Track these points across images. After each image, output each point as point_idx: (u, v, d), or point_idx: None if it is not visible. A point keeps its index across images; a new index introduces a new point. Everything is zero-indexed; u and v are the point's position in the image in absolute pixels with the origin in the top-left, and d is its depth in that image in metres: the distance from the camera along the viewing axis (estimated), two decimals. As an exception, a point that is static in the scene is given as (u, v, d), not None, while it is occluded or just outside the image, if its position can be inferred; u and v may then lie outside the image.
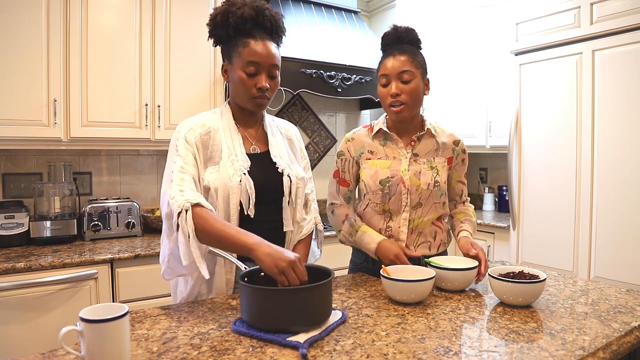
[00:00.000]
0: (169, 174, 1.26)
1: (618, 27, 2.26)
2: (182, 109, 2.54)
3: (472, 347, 0.95)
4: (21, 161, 2.48)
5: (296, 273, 1.07)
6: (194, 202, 1.18)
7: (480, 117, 3.26)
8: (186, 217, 1.15)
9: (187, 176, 1.24)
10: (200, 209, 1.18)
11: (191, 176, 1.25)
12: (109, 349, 0.81)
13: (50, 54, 2.20)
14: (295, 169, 1.42)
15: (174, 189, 1.21)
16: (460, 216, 1.64)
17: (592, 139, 2.38)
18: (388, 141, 1.55)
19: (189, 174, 1.25)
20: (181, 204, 1.16)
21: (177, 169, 1.25)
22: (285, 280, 1.06)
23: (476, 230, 1.63)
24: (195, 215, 1.16)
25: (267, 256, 1.08)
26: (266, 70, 1.31)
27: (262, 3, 1.32)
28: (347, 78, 2.99)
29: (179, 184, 1.22)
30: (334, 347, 0.94)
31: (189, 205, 1.16)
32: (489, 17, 3.20)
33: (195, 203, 1.18)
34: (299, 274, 1.07)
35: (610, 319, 1.11)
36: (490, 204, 3.54)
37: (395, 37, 1.52)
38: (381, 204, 1.53)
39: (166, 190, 1.24)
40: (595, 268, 2.38)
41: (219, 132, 1.34)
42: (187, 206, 1.16)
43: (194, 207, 1.17)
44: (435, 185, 1.51)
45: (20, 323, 1.91)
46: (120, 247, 2.25)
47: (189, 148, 1.28)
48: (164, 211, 1.23)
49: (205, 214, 1.18)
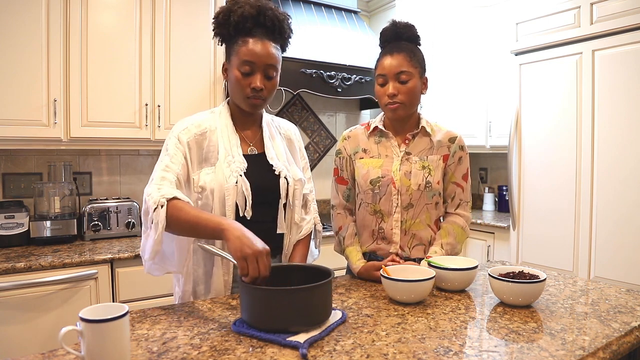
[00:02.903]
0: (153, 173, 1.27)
1: (618, 27, 2.26)
2: (182, 109, 2.54)
3: (472, 347, 0.95)
4: (21, 161, 2.48)
5: (259, 265, 1.04)
6: (170, 196, 1.17)
7: (480, 117, 3.26)
8: (160, 212, 1.15)
9: (169, 175, 1.24)
10: (176, 201, 1.17)
11: (175, 174, 1.24)
12: (109, 349, 0.81)
13: (50, 54, 2.20)
14: (293, 170, 1.41)
15: (153, 187, 1.21)
16: (442, 233, 1.52)
17: (592, 139, 2.38)
18: (383, 139, 1.54)
19: (172, 173, 1.24)
20: (157, 200, 1.16)
21: (161, 168, 1.25)
22: (246, 267, 1.03)
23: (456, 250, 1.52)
24: (170, 207, 1.16)
25: (237, 239, 1.06)
26: (262, 70, 1.29)
27: (265, 2, 1.30)
28: (347, 78, 2.99)
29: (158, 183, 1.22)
30: (334, 347, 0.94)
31: (164, 201, 1.16)
32: (489, 17, 3.20)
33: (171, 197, 1.17)
34: (261, 266, 1.04)
35: (610, 319, 1.11)
36: (490, 204, 3.54)
37: (394, 34, 1.50)
38: (372, 204, 1.51)
39: (146, 188, 1.24)
40: (595, 268, 2.37)
41: (215, 132, 1.33)
42: (162, 202, 1.16)
43: (170, 201, 1.17)
44: (427, 186, 1.47)
45: (20, 323, 1.91)
46: (120, 247, 2.25)
47: (179, 147, 1.28)
48: (142, 208, 1.23)
49: (181, 204, 1.17)
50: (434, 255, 1.47)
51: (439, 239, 1.52)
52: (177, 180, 1.25)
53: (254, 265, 1.04)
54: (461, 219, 1.55)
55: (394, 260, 1.44)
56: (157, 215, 1.15)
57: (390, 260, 1.44)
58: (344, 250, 1.57)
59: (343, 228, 1.58)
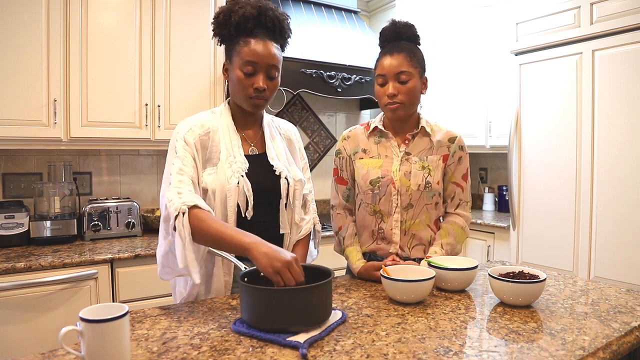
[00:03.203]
0: (167, 176, 1.26)
1: (618, 27, 2.26)
2: (182, 109, 2.54)
3: (472, 347, 0.95)
4: (21, 161, 2.48)
5: (292, 273, 1.05)
6: (191, 204, 1.17)
7: (480, 117, 3.26)
8: (183, 220, 1.15)
9: (185, 178, 1.23)
10: (197, 210, 1.17)
11: (190, 178, 1.24)
12: (109, 349, 0.81)
13: (50, 54, 2.20)
14: (294, 170, 1.41)
15: (172, 191, 1.20)
16: (442, 233, 1.53)
17: (592, 139, 2.38)
18: (382, 139, 1.54)
19: (187, 176, 1.24)
20: (178, 207, 1.16)
21: (175, 171, 1.24)
22: (281, 280, 1.05)
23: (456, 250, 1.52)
24: (192, 217, 1.16)
25: (264, 256, 1.07)
26: (264, 71, 1.29)
27: (266, 3, 1.30)
28: (347, 78, 2.99)
29: (177, 187, 1.21)
30: (334, 347, 0.94)
31: (186, 208, 1.16)
32: (489, 17, 3.20)
33: (192, 205, 1.17)
34: (294, 274, 1.06)
35: (610, 319, 1.11)
36: (490, 204, 3.54)
37: (394, 33, 1.49)
38: (372, 204, 1.51)
39: (164, 192, 1.23)
40: (595, 268, 2.38)
41: (217, 132, 1.33)
42: (184, 209, 1.16)
43: (192, 209, 1.17)
44: (427, 186, 1.47)
45: (20, 323, 1.91)
46: (120, 247, 2.25)
47: (187, 149, 1.27)
48: (162, 214, 1.22)
49: (203, 215, 1.17)
50: (434, 255, 1.47)
51: (439, 239, 1.52)
52: (193, 183, 1.25)
53: (288, 276, 1.05)
54: (461, 219, 1.55)
55: (394, 260, 1.44)
56: (179, 222, 1.15)
57: (390, 260, 1.44)
58: (344, 250, 1.57)
59: (343, 228, 1.58)
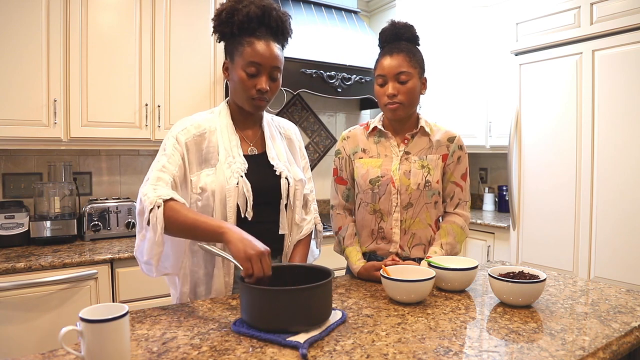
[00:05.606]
0: (149, 172, 1.26)
1: (618, 27, 2.26)
2: (182, 109, 2.54)
3: (472, 347, 0.95)
4: (21, 161, 2.48)
5: (263, 265, 1.06)
6: (167, 197, 1.17)
7: (480, 117, 3.27)
8: (157, 213, 1.14)
9: (165, 175, 1.23)
10: (172, 202, 1.17)
11: (171, 175, 1.24)
12: (109, 349, 0.81)
13: (50, 54, 2.20)
14: (294, 170, 1.40)
15: (148, 187, 1.20)
16: (441, 233, 1.53)
17: (592, 139, 2.38)
18: (382, 139, 1.54)
19: (168, 173, 1.23)
20: (153, 200, 1.16)
21: (157, 168, 1.24)
22: (250, 268, 1.05)
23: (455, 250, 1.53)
24: (167, 209, 1.15)
25: (239, 241, 1.07)
26: (267, 72, 1.28)
27: (269, 2, 1.29)
28: (347, 78, 2.99)
29: (154, 183, 1.21)
30: (334, 347, 0.94)
31: (161, 202, 1.15)
32: (489, 17, 3.20)
33: (168, 198, 1.17)
34: (265, 266, 1.06)
35: (610, 319, 1.11)
36: (490, 204, 3.54)
37: (393, 34, 1.50)
38: (372, 203, 1.51)
39: (141, 187, 1.23)
40: (595, 268, 2.38)
41: (215, 133, 1.32)
42: (159, 202, 1.15)
43: (167, 202, 1.16)
44: (426, 185, 1.48)
45: (20, 323, 1.91)
46: (120, 247, 2.25)
47: (177, 148, 1.27)
48: (137, 208, 1.22)
49: (178, 206, 1.17)
50: (433, 255, 1.47)
51: (439, 238, 1.52)
52: (173, 181, 1.24)
53: (258, 266, 1.05)
54: (460, 219, 1.55)
55: (394, 260, 1.44)
56: (153, 215, 1.15)
57: (390, 260, 1.44)
58: (344, 250, 1.58)
59: (343, 228, 1.59)
